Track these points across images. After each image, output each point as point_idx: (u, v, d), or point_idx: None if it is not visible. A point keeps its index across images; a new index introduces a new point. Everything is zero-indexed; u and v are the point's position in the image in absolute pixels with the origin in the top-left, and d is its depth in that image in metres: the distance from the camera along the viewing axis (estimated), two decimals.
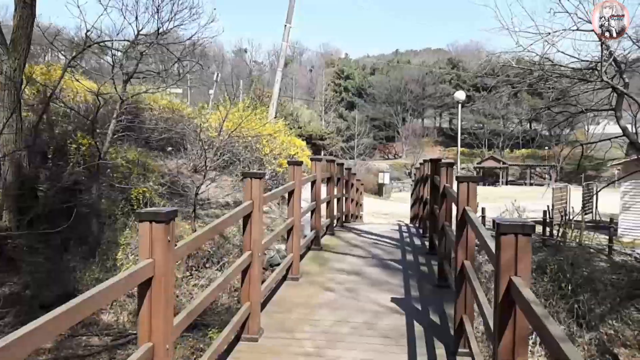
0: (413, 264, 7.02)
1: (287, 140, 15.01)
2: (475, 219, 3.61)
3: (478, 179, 4.28)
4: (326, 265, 6.83)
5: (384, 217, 17.29)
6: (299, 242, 6.31)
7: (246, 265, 4.22)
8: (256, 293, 4.36)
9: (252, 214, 4.29)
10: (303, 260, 6.83)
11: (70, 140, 10.06)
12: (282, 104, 31.89)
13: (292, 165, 6.47)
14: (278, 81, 17.19)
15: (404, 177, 53.92)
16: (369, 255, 7.53)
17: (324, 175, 8.21)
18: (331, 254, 7.48)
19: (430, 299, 5.31)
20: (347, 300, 5.29)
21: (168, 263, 2.62)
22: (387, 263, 7.03)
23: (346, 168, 11.15)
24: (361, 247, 8.14)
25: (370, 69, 74.40)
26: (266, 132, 14.66)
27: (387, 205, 23.22)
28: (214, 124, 14.75)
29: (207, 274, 10.10)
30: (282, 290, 5.66)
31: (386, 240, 8.71)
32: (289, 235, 6.20)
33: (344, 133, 51.38)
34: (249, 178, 4.40)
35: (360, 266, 6.84)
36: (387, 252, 7.80)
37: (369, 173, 32.43)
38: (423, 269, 6.70)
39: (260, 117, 15.78)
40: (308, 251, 7.47)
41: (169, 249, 2.60)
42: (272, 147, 14.62)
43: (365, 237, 9.07)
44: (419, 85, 65.44)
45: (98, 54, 12.75)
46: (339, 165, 9.82)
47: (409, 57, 79.77)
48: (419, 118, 72.16)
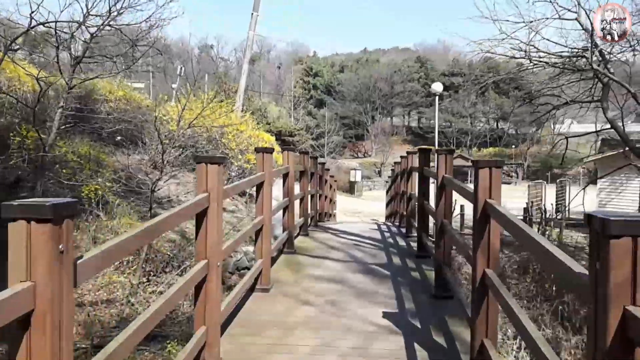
0: (402, 269, 6.14)
1: (254, 134, 13.98)
2: (511, 216, 2.68)
3: (502, 163, 3.39)
4: (302, 272, 5.88)
5: (358, 216, 16.43)
6: (269, 246, 5.28)
7: (200, 279, 3.20)
8: (214, 314, 3.34)
9: (207, 210, 3.25)
10: (275, 266, 5.88)
11: (13, 132, 8.97)
12: (249, 99, 30.70)
13: (261, 153, 5.31)
14: (245, 72, 16.10)
15: (373, 175, 53.40)
16: (351, 259, 6.61)
17: (297, 169, 7.25)
18: (307, 258, 6.53)
19: (429, 314, 4.38)
20: (330, 316, 4.31)
21: (59, 288, 1.60)
22: (371, 268, 6.12)
23: (320, 163, 10.21)
24: (340, 249, 7.22)
25: (339, 67, 73.70)
26: (232, 125, 13.60)
27: (360, 203, 22.36)
28: (175, 117, 13.64)
29: (167, 279, 9.05)
30: (250, 305, 4.63)
31: (367, 241, 7.84)
32: (257, 238, 5.15)
33: (314, 131, 50.38)
34: (203, 163, 3.34)
35: (342, 272, 5.91)
36: (371, 255, 6.87)
37: (340, 171, 31.57)
38: (414, 275, 5.81)
39: (226, 110, 14.72)
40: (280, 255, 6.49)
41: (61, 265, 1.61)
42: (238, 141, 13.56)
43: (344, 237, 8.17)
44: (388, 83, 65.09)
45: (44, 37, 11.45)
46: (313, 159, 8.86)
47: (377, 56, 79.45)
48: (388, 117, 71.90)
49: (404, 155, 9.10)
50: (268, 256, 5.21)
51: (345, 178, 27.84)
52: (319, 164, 9.92)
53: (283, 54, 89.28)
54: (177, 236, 11.00)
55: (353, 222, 12.90)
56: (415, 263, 6.31)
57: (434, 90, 14.20)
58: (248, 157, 13.20)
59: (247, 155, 13.26)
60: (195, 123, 12.96)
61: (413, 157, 8.24)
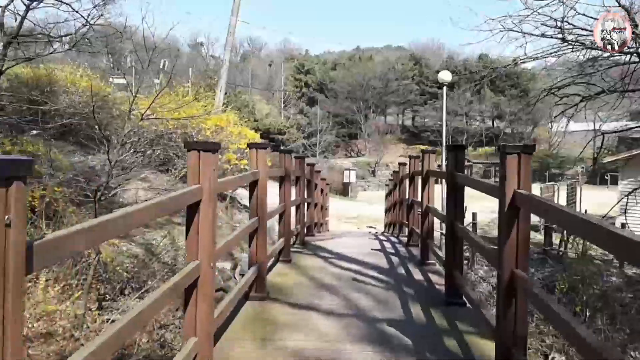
0: (431, 331, 3.93)
1: (236, 131, 12.46)
2: None
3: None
4: (272, 342, 3.66)
5: (353, 222, 14.90)
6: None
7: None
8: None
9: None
10: (231, 327, 3.88)
11: None
12: (236, 94, 28.99)
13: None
14: (226, 62, 14.51)
15: (367, 175, 51.95)
16: (350, 311, 4.42)
17: (272, 174, 5.68)
18: (284, 310, 4.40)
19: None
20: None
21: None
22: (384, 331, 3.91)
23: (309, 164, 8.65)
24: (334, 288, 5.11)
25: (331, 64, 72.15)
26: (210, 122, 12.07)
27: (354, 206, 20.78)
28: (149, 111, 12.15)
29: (125, 305, 7.53)
30: None
31: (370, 272, 5.79)
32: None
33: (305, 129, 48.72)
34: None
35: (337, 342, 3.70)
36: (380, 302, 4.69)
37: (333, 171, 29.87)
38: (451, 343, 3.62)
39: (205, 104, 13.20)
40: (245, 302, 4.48)
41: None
42: (218, 139, 12.02)
43: (338, 265, 6.12)
44: (382, 81, 63.60)
45: None
46: (299, 160, 7.26)
47: (370, 54, 78.07)
48: (382, 115, 70.53)
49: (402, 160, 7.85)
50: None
51: (339, 179, 26.13)
52: (308, 165, 8.40)
53: (275, 52, 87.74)
54: (141, 250, 9.45)
55: (349, 232, 11.39)
56: (447, 316, 4.19)
57: (441, 79, 12.38)
58: (228, 156, 11.71)
59: (227, 155, 11.76)
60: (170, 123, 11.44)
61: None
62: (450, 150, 4.85)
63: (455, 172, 4.58)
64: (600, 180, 50.89)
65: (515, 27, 7.77)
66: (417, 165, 7.28)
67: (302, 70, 67.74)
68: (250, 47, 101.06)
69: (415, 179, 7.39)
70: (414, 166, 7.53)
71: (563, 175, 55.00)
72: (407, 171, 7.92)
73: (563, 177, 55.38)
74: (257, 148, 4.81)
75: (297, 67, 68.53)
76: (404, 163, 8.64)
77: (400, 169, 9.51)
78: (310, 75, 66.90)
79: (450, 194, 4.66)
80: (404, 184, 8.96)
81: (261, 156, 4.80)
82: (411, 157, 7.76)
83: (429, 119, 67.64)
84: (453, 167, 4.66)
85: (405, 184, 8.52)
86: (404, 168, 8.91)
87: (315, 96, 61.65)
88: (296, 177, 6.92)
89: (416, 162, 7.39)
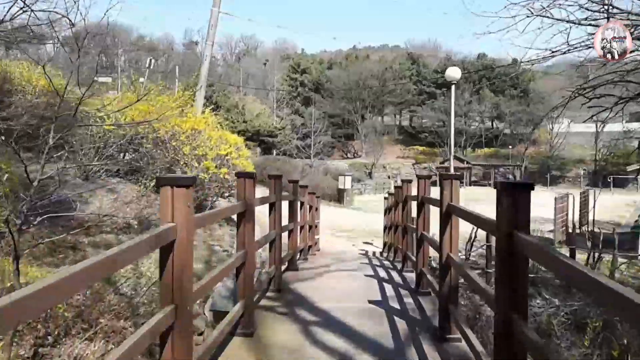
0: None
1: (216, 135, 11.05)
2: None
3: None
4: None
5: (347, 236, 13.40)
6: None
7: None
8: None
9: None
10: None
11: None
12: (225, 94, 27.42)
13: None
14: (207, 58, 13.06)
15: (364, 177, 50.58)
16: None
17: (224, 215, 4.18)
18: None
19: None
20: None
21: None
22: None
23: (292, 181, 7.15)
24: None
25: (327, 63, 70.74)
26: (186, 125, 10.67)
27: (350, 216, 19.11)
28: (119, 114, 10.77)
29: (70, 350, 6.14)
30: None
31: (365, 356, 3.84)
32: None
33: (300, 130, 47.22)
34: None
35: None
36: None
37: (328, 175, 28.19)
38: None
39: (179, 103, 11.79)
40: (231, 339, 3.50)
41: None
42: (195, 144, 10.63)
43: (321, 340, 4.12)
44: (379, 80, 62.14)
45: None
46: (274, 179, 5.72)
47: (367, 53, 76.75)
48: (379, 115, 69.19)
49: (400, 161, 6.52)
50: None
51: (334, 184, 24.53)
52: (291, 182, 6.96)
53: (270, 51, 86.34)
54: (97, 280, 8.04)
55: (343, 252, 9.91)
56: None
57: (449, 76, 10.69)
58: (206, 164, 10.30)
59: (205, 163, 10.35)
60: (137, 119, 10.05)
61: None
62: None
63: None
64: (603, 183, 49.68)
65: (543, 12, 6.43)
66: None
67: (298, 69, 66.26)
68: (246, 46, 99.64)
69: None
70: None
71: (564, 177, 53.75)
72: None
73: (564, 179, 54.13)
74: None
75: (292, 67, 67.05)
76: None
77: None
78: (306, 75, 65.42)
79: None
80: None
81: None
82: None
83: (427, 119, 66.31)
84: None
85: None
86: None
87: (310, 96, 60.13)
88: (271, 204, 5.45)
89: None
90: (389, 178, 54.76)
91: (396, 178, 54.77)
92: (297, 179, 7.60)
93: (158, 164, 10.55)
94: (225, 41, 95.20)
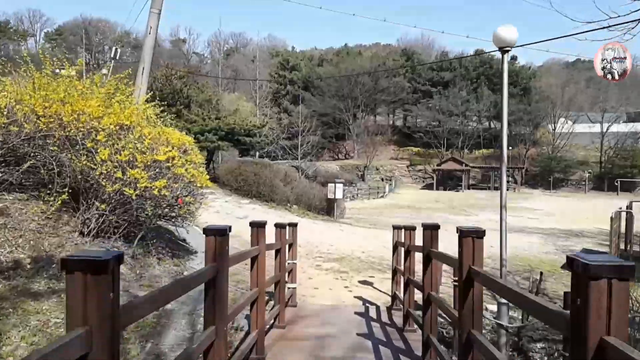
0: None
1: (154, 133, 7.94)
2: None
3: None
4: None
5: (337, 270, 10.06)
6: None
7: None
8: None
9: None
10: None
11: None
12: (199, 88, 24.34)
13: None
14: (152, 30, 9.84)
15: (356, 180, 47.47)
16: None
17: None
18: None
19: None
20: None
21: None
22: None
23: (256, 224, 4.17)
24: None
25: (318, 60, 67.59)
26: (108, 120, 7.56)
27: (340, 235, 15.45)
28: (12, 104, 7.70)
29: None
30: None
31: None
32: None
33: (288, 129, 43.93)
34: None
35: None
36: None
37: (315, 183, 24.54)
38: None
39: (109, 89, 8.67)
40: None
41: None
42: (119, 146, 7.47)
43: None
44: (372, 77, 59.03)
45: None
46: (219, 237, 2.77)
47: (359, 50, 73.68)
48: (372, 114, 66.17)
49: None
50: None
51: (321, 194, 20.95)
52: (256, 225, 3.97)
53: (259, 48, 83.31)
54: None
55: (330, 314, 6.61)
56: None
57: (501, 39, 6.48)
58: (132, 173, 7.18)
59: (131, 172, 7.22)
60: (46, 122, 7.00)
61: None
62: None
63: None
64: (609, 187, 47.02)
65: None
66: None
67: (287, 66, 63.07)
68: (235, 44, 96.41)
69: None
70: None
71: (567, 180, 51.01)
72: None
73: (567, 182, 51.39)
74: None
75: (281, 63, 63.84)
76: None
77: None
78: (295, 72, 62.21)
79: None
80: None
81: None
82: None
83: (422, 119, 63.38)
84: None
85: None
86: None
87: (300, 94, 56.83)
88: None
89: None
90: (382, 180, 51.73)
91: (390, 181, 51.73)
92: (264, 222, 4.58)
93: (69, 172, 7.41)
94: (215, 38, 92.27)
